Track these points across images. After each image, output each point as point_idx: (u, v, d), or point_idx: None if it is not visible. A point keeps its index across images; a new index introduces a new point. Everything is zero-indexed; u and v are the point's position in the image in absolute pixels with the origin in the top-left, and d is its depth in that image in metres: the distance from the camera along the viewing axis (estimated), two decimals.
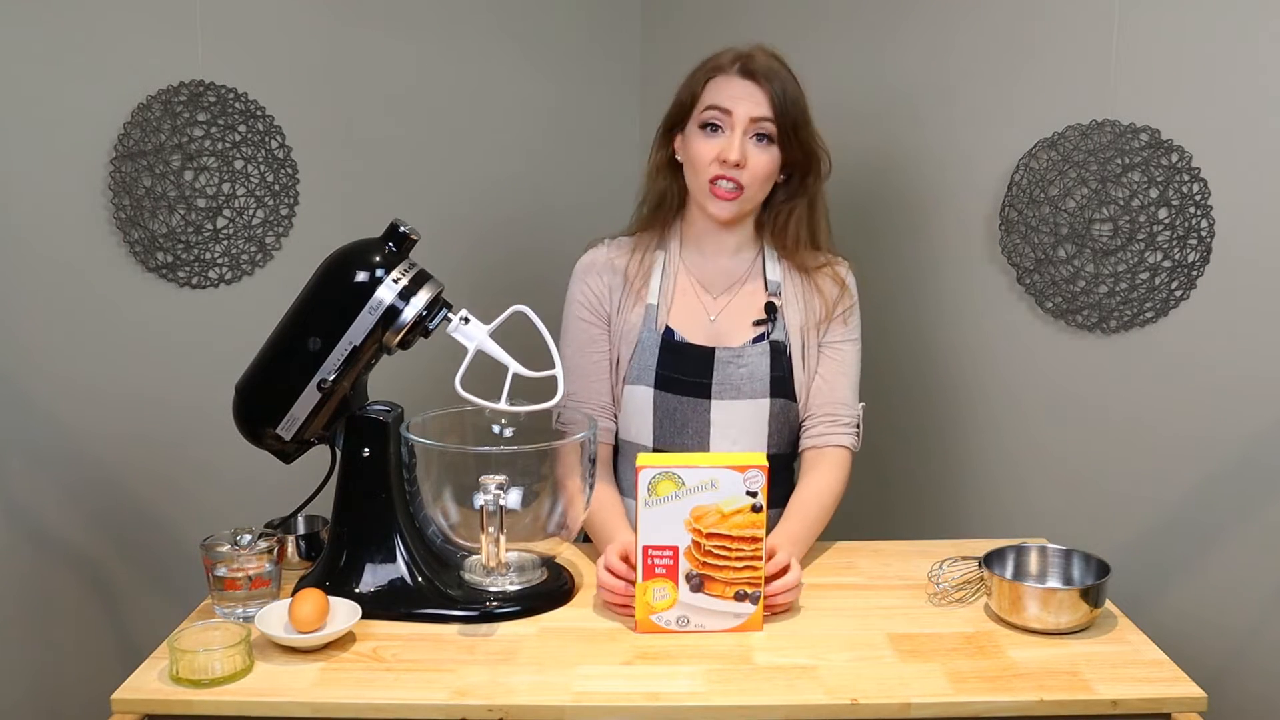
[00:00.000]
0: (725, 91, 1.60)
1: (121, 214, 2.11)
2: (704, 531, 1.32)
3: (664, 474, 1.31)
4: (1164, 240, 1.88)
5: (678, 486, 1.32)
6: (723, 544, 1.32)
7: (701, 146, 1.60)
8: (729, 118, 1.59)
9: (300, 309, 1.39)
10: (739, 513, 1.32)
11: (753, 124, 1.59)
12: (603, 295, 1.68)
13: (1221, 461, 1.88)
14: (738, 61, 1.62)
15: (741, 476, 1.31)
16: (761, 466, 1.31)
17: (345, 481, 1.42)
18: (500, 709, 1.18)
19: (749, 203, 1.64)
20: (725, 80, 1.61)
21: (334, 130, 2.23)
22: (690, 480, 1.31)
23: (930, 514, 2.23)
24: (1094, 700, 1.20)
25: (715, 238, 1.69)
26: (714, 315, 1.67)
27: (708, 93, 1.61)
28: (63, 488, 2.15)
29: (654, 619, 1.34)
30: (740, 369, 1.62)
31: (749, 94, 1.59)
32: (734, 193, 1.60)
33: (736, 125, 1.58)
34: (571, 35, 2.42)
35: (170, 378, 2.18)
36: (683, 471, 1.31)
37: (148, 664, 1.28)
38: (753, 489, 1.31)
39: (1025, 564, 1.44)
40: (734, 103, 1.59)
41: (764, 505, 1.32)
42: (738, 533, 1.32)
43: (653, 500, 1.32)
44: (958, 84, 2.07)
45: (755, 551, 1.33)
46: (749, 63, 1.61)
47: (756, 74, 1.60)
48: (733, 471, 1.31)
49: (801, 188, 1.67)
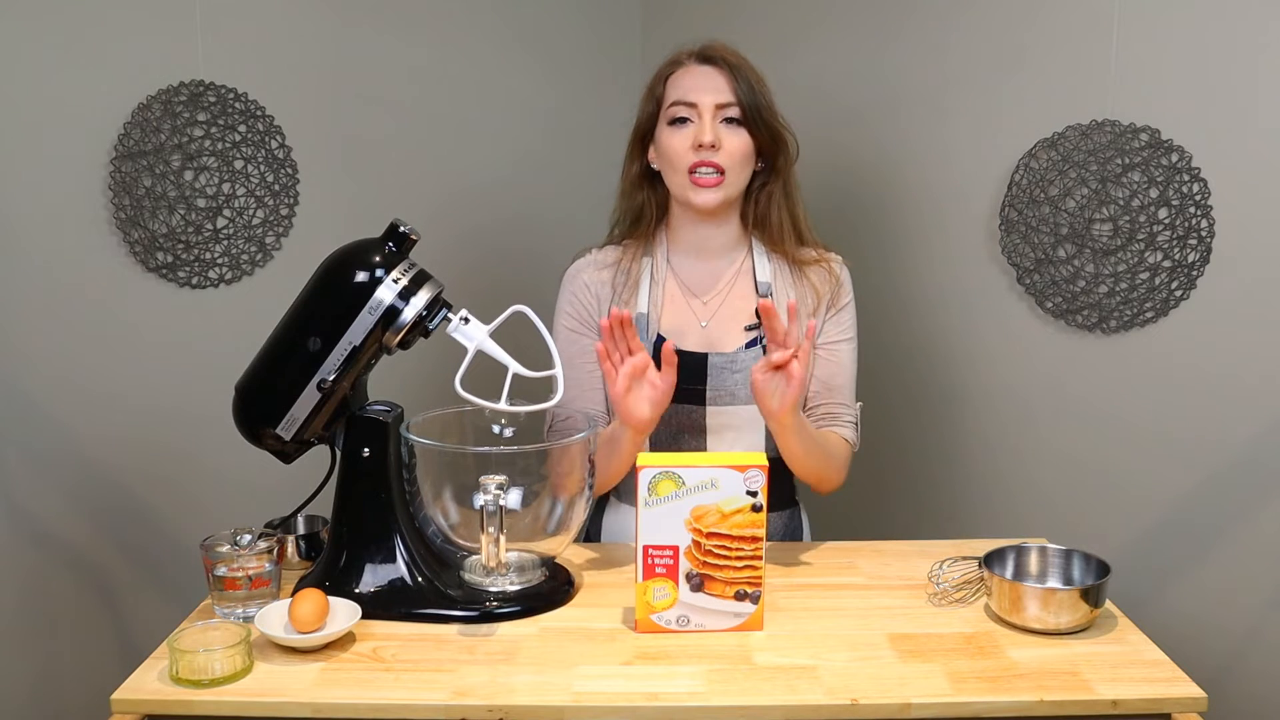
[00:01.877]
0: (687, 83, 1.61)
1: (121, 214, 2.11)
2: (704, 531, 1.32)
3: (664, 474, 1.31)
4: (1164, 240, 1.88)
5: (678, 486, 1.32)
6: (723, 543, 1.32)
7: (674, 140, 1.60)
8: (695, 109, 1.59)
9: (300, 309, 1.39)
10: (739, 512, 1.32)
11: (719, 110, 1.59)
12: (590, 305, 1.68)
13: (1221, 461, 1.88)
14: (694, 53, 1.63)
15: (742, 476, 1.31)
16: (762, 466, 1.31)
17: (345, 481, 1.42)
18: (500, 709, 1.18)
19: (731, 188, 1.62)
20: (685, 72, 1.62)
21: (334, 130, 2.23)
22: (690, 480, 1.31)
23: (930, 514, 2.23)
24: (1094, 700, 1.20)
25: (702, 239, 1.68)
26: (705, 320, 1.66)
27: (670, 89, 1.62)
28: (63, 488, 2.16)
29: (654, 619, 1.34)
30: (734, 374, 1.61)
31: (711, 82, 1.60)
32: (715, 178, 1.59)
33: (705, 113, 1.59)
34: (571, 35, 2.42)
35: (170, 378, 2.18)
36: (683, 471, 1.31)
37: (148, 664, 1.27)
38: (753, 489, 1.31)
39: (1025, 564, 1.44)
40: (698, 93, 1.59)
41: (764, 505, 1.32)
42: (738, 532, 1.32)
43: (653, 500, 1.32)
44: (957, 84, 2.07)
45: (755, 551, 1.33)
46: (705, 50, 1.62)
47: (715, 59, 1.61)
48: (733, 471, 1.31)
49: (774, 172, 1.67)
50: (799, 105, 1.73)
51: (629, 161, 1.70)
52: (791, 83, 1.74)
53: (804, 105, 1.79)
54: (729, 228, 1.68)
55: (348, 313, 1.35)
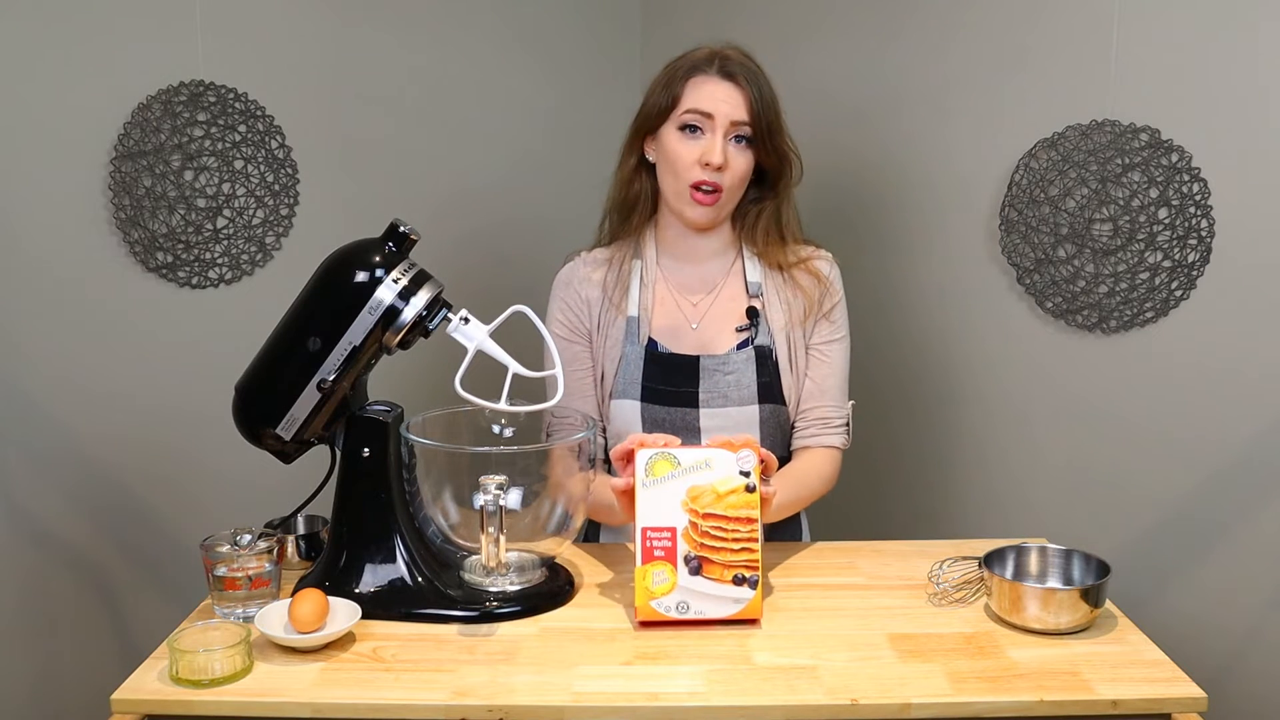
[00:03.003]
0: (705, 92, 1.59)
1: (121, 214, 2.11)
2: (700, 512, 1.34)
3: (660, 454, 1.35)
4: (1164, 240, 1.88)
5: (674, 466, 1.35)
6: (719, 524, 1.34)
7: (681, 148, 1.59)
8: (710, 121, 1.58)
9: (300, 309, 1.39)
10: (734, 493, 1.34)
11: (733, 127, 1.58)
12: (581, 311, 1.68)
13: (1221, 461, 1.88)
14: (715, 60, 1.60)
15: (735, 457, 1.35)
16: (753, 445, 1.35)
17: (345, 481, 1.42)
18: (500, 709, 1.18)
19: (726, 206, 1.63)
20: (704, 80, 1.60)
21: (334, 130, 2.23)
22: (686, 460, 1.35)
23: (930, 514, 2.23)
24: (1094, 700, 1.19)
25: (691, 243, 1.68)
26: (696, 323, 1.66)
27: (688, 94, 1.59)
28: (63, 488, 2.16)
29: (653, 605, 1.34)
30: (727, 376, 1.62)
31: (729, 96, 1.58)
32: (713, 196, 1.59)
33: (718, 128, 1.58)
34: (571, 35, 2.42)
35: (170, 378, 2.18)
36: (678, 452, 1.35)
37: (148, 664, 1.27)
38: (746, 469, 1.34)
39: (1025, 564, 1.44)
40: (715, 105, 1.58)
41: (757, 485, 1.34)
42: (733, 513, 1.34)
43: (650, 481, 1.34)
44: (958, 84, 2.07)
45: (751, 533, 1.34)
46: (727, 63, 1.60)
47: (735, 75, 1.59)
48: (726, 452, 1.35)
49: (772, 191, 1.66)
50: (800, 105, 1.73)
51: (628, 152, 1.68)
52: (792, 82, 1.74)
53: (805, 105, 1.79)
54: (719, 234, 1.69)
55: (348, 313, 1.35)
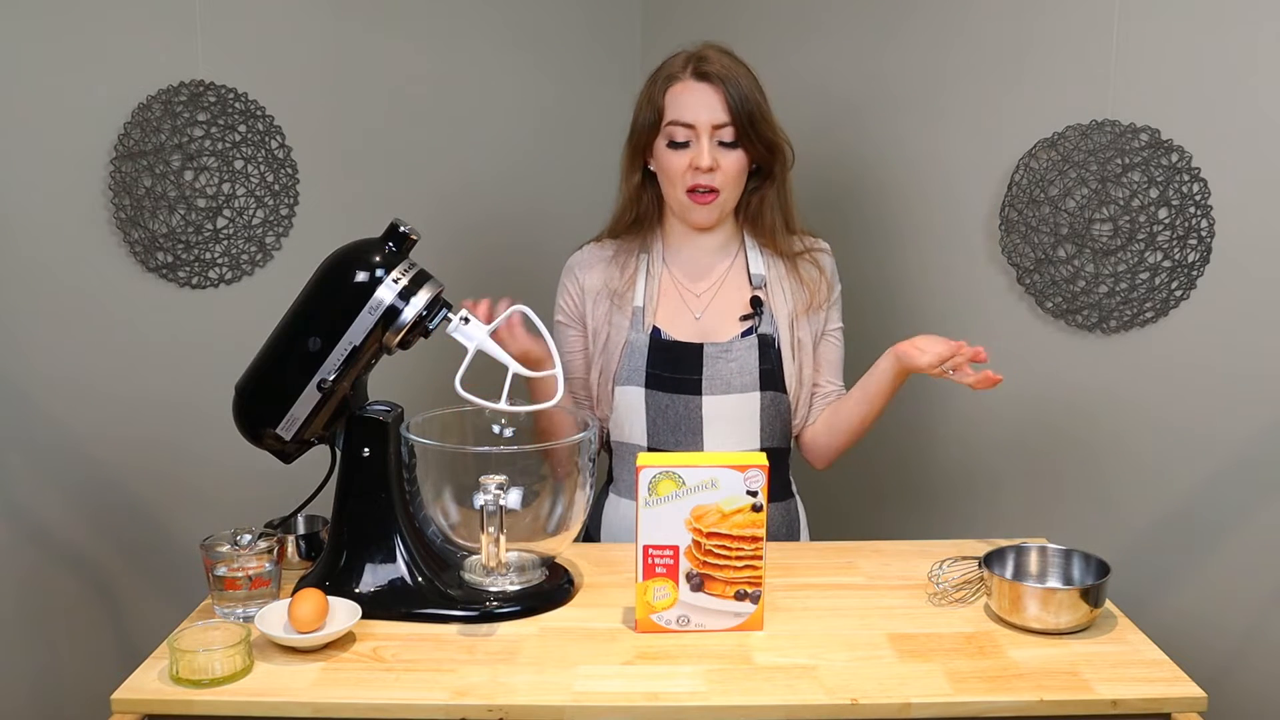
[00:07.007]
0: (684, 101, 1.63)
1: (121, 214, 2.11)
2: (704, 531, 1.32)
3: (664, 474, 1.32)
4: (1164, 240, 1.88)
5: (678, 486, 1.32)
6: (723, 543, 1.33)
7: (672, 160, 1.64)
8: (693, 130, 1.62)
9: (300, 309, 1.39)
10: (739, 512, 1.32)
11: (715, 130, 1.62)
12: (577, 297, 1.74)
13: (1221, 461, 1.88)
14: (690, 64, 1.64)
15: (742, 476, 1.32)
16: (762, 466, 1.32)
17: (345, 481, 1.42)
18: (500, 709, 1.18)
19: (727, 204, 1.68)
20: (681, 87, 1.63)
21: (334, 130, 2.23)
22: (690, 480, 1.32)
23: (929, 514, 2.23)
24: (1094, 700, 1.20)
25: (696, 239, 1.73)
26: (699, 312, 1.70)
27: (669, 106, 1.64)
28: (63, 488, 2.16)
29: (654, 618, 1.34)
30: (729, 363, 1.65)
31: (707, 100, 1.62)
32: (710, 196, 1.64)
33: (701, 134, 1.62)
34: (571, 35, 2.42)
35: (170, 378, 2.18)
36: (683, 471, 1.32)
37: (148, 664, 1.27)
38: (753, 489, 1.32)
39: (1025, 564, 1.44)
40: (695, 113, 1.62)
41: (764, 504, 1.32)
42: (738, 532, 1.32)
43: (653, 500, 1.32)
44: (957, 84, 2.07)
45: (755, 551, 1.33)
46: (701, 65, 1.63)
47: (710, 76, 1.62)
48: (733, 471, 1.31)
49: (769, 178, 1.71)
50: (799, 104, 1.73)
51: (630, 169, 1.72)
52: (792, 82, 1.74)
53: (804, 104, 1.80)
54: (723, 229, 1.73)
55: (348, 313, 1.35)
